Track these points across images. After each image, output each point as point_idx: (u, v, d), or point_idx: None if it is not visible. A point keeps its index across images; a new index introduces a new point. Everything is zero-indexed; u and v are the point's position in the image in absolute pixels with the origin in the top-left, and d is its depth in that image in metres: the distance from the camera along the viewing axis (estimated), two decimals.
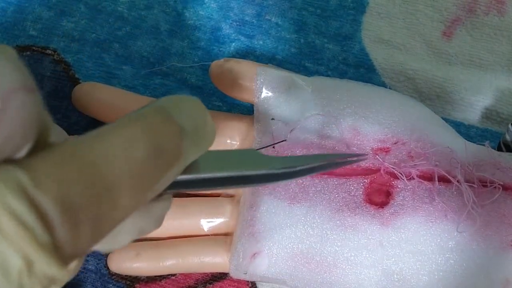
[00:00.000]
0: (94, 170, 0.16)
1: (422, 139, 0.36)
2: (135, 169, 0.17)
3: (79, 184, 0.16)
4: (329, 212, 0.35)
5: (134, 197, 0.17)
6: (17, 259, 0.14)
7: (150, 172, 0.18)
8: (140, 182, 0.17)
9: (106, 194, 0.16)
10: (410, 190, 0.34)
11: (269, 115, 0.37)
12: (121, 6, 0.46)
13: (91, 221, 0.16)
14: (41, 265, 0.15)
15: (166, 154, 0.18)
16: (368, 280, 0.34)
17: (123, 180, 0.17)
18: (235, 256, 0.35)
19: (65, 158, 0.16)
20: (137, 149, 0.17)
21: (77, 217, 0.15)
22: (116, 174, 0.17)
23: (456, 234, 0.33)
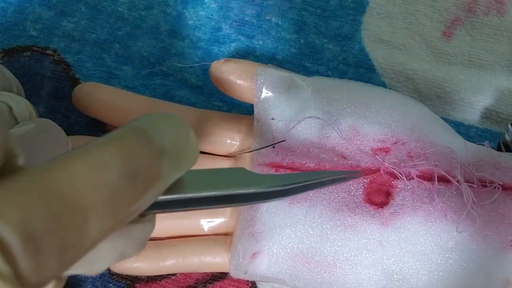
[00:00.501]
0: (58, 197, 0.15)
1: (421, 139, 0.36)
2: (106, 194, 0.16)
3: (41, 212, 0.15)
4: (329, 212, 0.35)
5: (105, 223, 0.16)
6: None
7: (123, 197, 0.17)
8: (112, 208, 0.16)
9: (71, 222, 0.15)
10: (409, 190, 0.35)
11: (269, 115, 0.37)
12: (121, 6, 0.46)
13: (56, 249, 0.15)
14: None
15: (142, 177, 0.18)
16: (368, 280, 0.34)
17: (92, 206, 0.16)
18: (235, 256, 0.35)
19: (28, 185, 0.15)
20: (109, 173, 0.16)
21: (40, 246, 0.15)
22: (83, 201, 0.16)
23: (456, 234, 0.33)
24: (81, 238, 0.16)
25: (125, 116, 0.39)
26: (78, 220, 0.15)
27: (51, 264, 0.15)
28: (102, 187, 0.16)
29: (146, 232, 0.20)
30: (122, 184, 0.17)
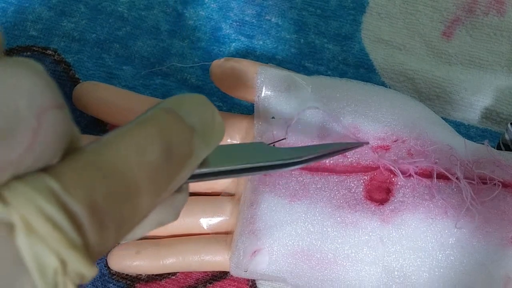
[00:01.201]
0: (116, 175, 0.17)
1: (421, 137, 0.36)
2: (151, 172, 0.18)
3: (102, 190, 0.16)
4: (330, 209, 0.35)
5: (153, 199, 0.18)
6: (52, 260, 0.15)
7: (165, 173, 0.18)
8: (157, 184, 0.18)
9: (127, 197, 0.17)
10: (410, 187, 0.35)
11: (270, 113, 0.37)
12: (121, 6, 0.46)
13: (115, 223, 0.17)
14: (74, 264, 0.16)
15: (179, 154, 0.19)
16: (368, 277, 0.34)
17: (142, 183, 0.18)
18: (236, 254, 0.35)
19: (89, 164, 0.17)
20: (152, 152, 0.18)
21: (103, 220, 0.16)
22: (135, 178, 0.17)
23: (456, 231, 0.33)
24: (135, 213, 0.17)
25: (126, 115, 0.39)
26: (132, 196, 0.17)
27: (111, 236, 0.17)
28: (148, 165, 0.18)
29: (182, 201, 0.22)
30: (163, 162, 0.18)
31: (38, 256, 0.15)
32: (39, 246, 0.15)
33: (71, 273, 0.16)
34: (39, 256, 0.15)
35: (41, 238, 0.15)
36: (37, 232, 0.15)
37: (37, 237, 0.15)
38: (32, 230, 0.15)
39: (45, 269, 0.15)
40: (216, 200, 0.38)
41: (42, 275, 0.15)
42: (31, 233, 0.15)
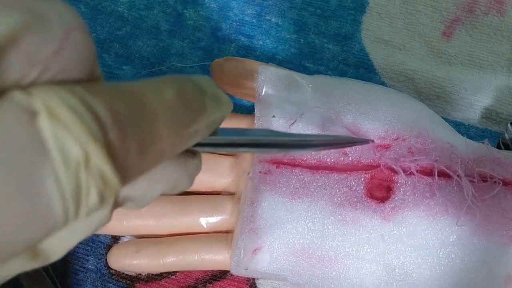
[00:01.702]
0: (135, 97, 0.17)
1: (422, 135, 0.36)
2: (168, 108, 0.18)
3: (123, 104, 0.17)
4: (330, 207, 0.35)
5: (170, 136, 0.18)
6: (76, 149, 0.15)
7: (181, 115, 0.19)
8: (174, 122, 0.19)
9: (146, 121, 0.17)
10: (410, 185, 0.35)
11: (270, 112, 0.37)
12: (121, 6, 0.46)
13: (136, 140, 0.17)
14: (96, 159, 0.15)
15: (193, 104, 0.20)
16: (369, 275, 0.34)
17: (160, 114, 0.18)
18: (236, 252, 0.35)
19: (112, 86, 0.17)
20: (168, 93, 0.19)
21: (125, 130, 0.16)
22: (153, 107, 0.18)
23: (457, 229, 0.33)
24: (154, 139, 0.18)
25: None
26: (151, 121, 0.18)
27: (133, 151, 0.17)
28: (164, 101, 0.18)
29: (196, 167, 0.23)
30: (178, 103, 0.19)
31: (61, 142, 0.15)
32: (63, 132, 0.15)
33: (93, 170, 0.15)
34: (62, 143, 0.15)
35: (64, 125, 0.15)
36: (60, 119, 0.15)
37: (61, 124, 0.15)
38: (56, 117, 0.15)
39: (68, 158, 0.15)
40: (216, 199, 0.38)
41: (64, 163, 0.15)
42: (54, 119, 0.15)
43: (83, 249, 0.40)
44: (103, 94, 0.16)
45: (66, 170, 0.15)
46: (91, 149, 0.15)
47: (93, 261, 0.40)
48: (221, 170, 0.38)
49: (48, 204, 0.15)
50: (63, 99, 0.15)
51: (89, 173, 0.15)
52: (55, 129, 0.15)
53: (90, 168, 0.15)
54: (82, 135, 0.15)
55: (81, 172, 0.15)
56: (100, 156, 0.16)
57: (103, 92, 0.17)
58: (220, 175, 0.38)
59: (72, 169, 0.15)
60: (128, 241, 0.38)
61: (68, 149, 0.15)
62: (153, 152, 0.18)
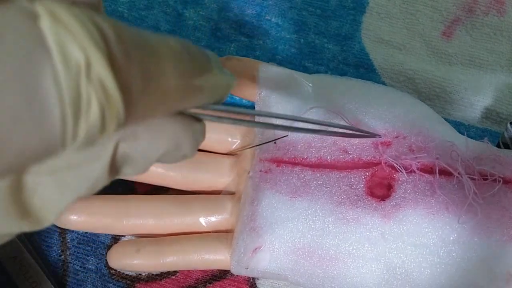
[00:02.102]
0: (141, 33, 0.17)
1: (422, 133, 0.36)
2: (174, 55, 0.18)
3: (130, 32, 0.16)
4: (331, 205, 0.35)
5: (176, 75, 0.18)
6: (77, 52, 0.15)
7: (186, 61, 0.18)
8: (179, 64, 0.18)
9: (151, 51, 0.17)
10: (411, 183, 0.34)
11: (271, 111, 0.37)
12: (121, 6, 0.46)
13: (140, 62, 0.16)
14: (98, 67, 0.15)
15: (197, 57, 0.19)
16: (370, 273, 0.34)
17: (165, 53, 0.17)
18: (237, 251, 0.35)
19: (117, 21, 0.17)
20: (172, 41, 0.18)
21: (128, 49, 0.16)
22: (159, 45, 0.17)
23: (458, 227, 0.33)
24: (159, 73, 0.17)
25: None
26: (155, 54, 0.17)
27: (136, 78, 0.16)
28: (169, 46, 0.18)
29: (201, 134, 0.22)
30: (183, 52, 0.18)
31: (62, 43, 0.14)
32: (64, 34, 0.14)
33: (94, 79, 0.15)
34: (63, 44, 0.14)
35: (67, 28, 0.15)
36: (63, 22, 0.15)
37: (63, 26, 0.14)
38: (58, 19, 0.14)
39: (68, 59, 0.14)
40: (216, 198, 0.38)
41: (65, 64, 0.14)
42: (56, 21, 0.14)
43: (83, 249, 0.40)
44: (108, 18, 0.16)
45: (66, 71, 0.14)
46: (92, 55, 0.15)
47: (93, 261, 0.40)
48: (222, 170, 0.38)
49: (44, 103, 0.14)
50: (67, 8, 0.15)
51: (90, 82, 0.15)
52: (56, 30, 0.14)
53: (91, 77, 0.15)
54: (84, 40, 0.15)
55: (82, 78, 0.15)
56: (102, 64, 0.15)
57: (107, 18, 0.16)
58: (221, 174, 0.38)
59: (73, 72, 0.15)
60: (128, 240, 0.38)
61: (69, 51, 0.15)
62: (158, 89, 0.17)
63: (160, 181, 0.38)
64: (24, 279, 0.38)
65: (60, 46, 0.14)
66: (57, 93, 0.14)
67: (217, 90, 0.21)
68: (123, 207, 0.37)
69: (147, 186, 0.41)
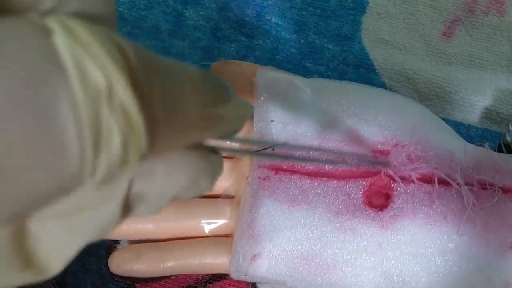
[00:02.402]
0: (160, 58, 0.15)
1: (422, 141, 0.36)
2: (193, 79, 0.17)
3: (152, 57, 0.15)
4: (329, 214, 0.35)
5: (199, 104, 0.17)
6: (97, 73, 0.13)
7: (206, 88, 0.17)
8: (200, 91, 0.17)
9: (173, 76, 0.16)
10: (409, 193, 0.34)
11: (269, 117, 0.37)
12: (122, 6, 0.46)
13: (163, 91, 0.15)
14: (121, 91, 0.13)
15: (217, 84, 0.18)
16: (367, 282, 0.34)
17: (186, 79, 0.16)
18: (235, 258, 0.35)
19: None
20: (192, 69, 0.17)
21: (151, 75, 0.14)
22: (179, 71, 0.16)
23: (456, 237, 0.33)
24: (182, 99, 0.16)
25: None
26: (177, 79, 0.16)
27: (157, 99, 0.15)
28: (191, 75, 0.17)
29: (219, 167, 0.20)
30: (204, 79, 0.17)
31: (80, 63, 0.13)
32: (82, 52, 0.13)
33: (116, 105, 0.13)
34: (81, 64, 0.13)
35: (85, 45, 0.13)
36: (80, 39, 0.13)
37: (81, 44, 0.13)
38: (75, 36, 0.13)
39: (88, 82, 0.13)
40: (216, 202, 0.38)
41: (83, 86, 0.13)
42: (73, 38, 0.13)
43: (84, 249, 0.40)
44: (127, 41, 0.14)
45: (84, 94, 0.13)
46: (115, 77, 0.13)
47: (93, 261, 0.40)
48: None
49: (60, 134, 0.12)
50: (83, 23, 0.13)
51: (111, 108, 0.13)
52: (73, 48, 0.13)
53: (113, 102, 0.13)
54: (106, 60, 0.13)
55: (103, 104, 0.13)
56: (125, 88, 0.13)
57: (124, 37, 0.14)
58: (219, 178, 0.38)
59: (92, 97, 0.13)
60: (128, 246, 0.38)
61: (88, 72, 0.13)
62: (181, 118, 0.16)
63: None
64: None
65: (78, 66, 0.13)
66: (75, 121, 0.12)
67: (235, 120, 0.19)
68: None
69: None
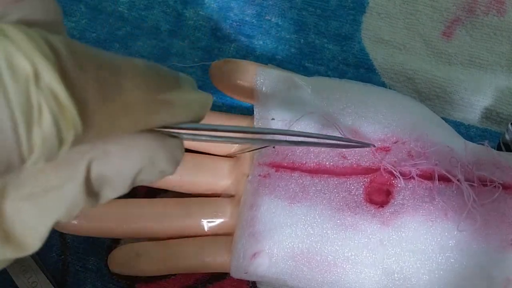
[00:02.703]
0: (99, 50, 0.18)
1: (422, 138, 0.36)
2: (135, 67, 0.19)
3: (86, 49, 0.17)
4: (330, 211, 0.35)
5: (139, 88, 0.18)
6: (25, 63, 0.15)
7: (150, 76, 0.19)
8: (142, 78, 0.18)
9: (109, 67, 0.17)
10: (410, 189, 0.34)
11: (269, 115, 0.37)
12: (122, 6, 0.46)
13: (97, 76, 0.17)
14: (46, 76, 0.15)
15: (164, 74, 0.20)
16: (368, 279, 0.34)
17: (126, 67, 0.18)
18: (236, 256, 0.35)
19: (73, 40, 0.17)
20: (136, 60, 0.19)
21: (82, 62, 0.16)
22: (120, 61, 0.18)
23: (456, 233, 0.33)
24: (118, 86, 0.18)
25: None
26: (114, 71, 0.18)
27: (93, 93, 0.16)
28: (131, 64, 0.18)
29: (177, 149, 0.22)
30: (147, 69, 0.19)
31: (9, 55, 0.15)
32: (10, 47, 0.15)
33: (44, 88, 0.15)
34: (10, 56, 0.15)
35: (13, 40, 0.15)
36: (8, 35, 0.15)
37: (9, 39, 0.15)
38: (3, 32, 0.15)
39: (16, 69, 0.15)
40: (216, 201, 0.38)
41: (12, 74, 0.15)
42: (5, 36, 0.15)
43: (84, 249, 0.40)
44: (65, 37, 0.16)
45: (13, 80, 0.15)
46: (40, 65, 0.15)
47: (93, 261, 0.40)
48: (221, 172, 0.38)
49: None
50: (16, 26, 0.15)
51: (39, 90, 0.15)
52: (4, 44, 0.15)
53: (41, 86, 0.15)
54: (32, 51, 0.15)
55: (31, 87, 0.15)
56: (51, 73, 0.15)
57: (65, 36, 0.17)
58: (220, 177, 0.38)
59: (21, 82, 0.15)
60: (128, 245, 0.38)
61: (16, 62, 0.15)
62: (119, 100, 0.18)
63: (159, 184, 0.38)
64: (24, 279, 0.38)
65: (7, 58, 0.15)
66: (7, 104, 0.15)
67: (191, 107, 0.21)
68: (123, 211, 0.37)
69: (147, 188, 0.41)
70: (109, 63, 0.18)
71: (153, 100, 0.19)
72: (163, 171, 0.21)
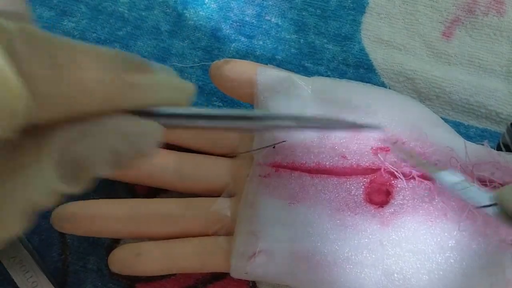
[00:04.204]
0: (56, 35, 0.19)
1: (421, 138, 0.36)
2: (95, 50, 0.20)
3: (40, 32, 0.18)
4: (329, 211, 0.35)
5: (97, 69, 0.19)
6: None
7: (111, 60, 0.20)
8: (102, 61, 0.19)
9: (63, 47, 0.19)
10: (410, 190, 0.35)
11: None
12: (122, 6, 0.47)
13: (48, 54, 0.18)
14: None
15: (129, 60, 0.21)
16: (368, 280, 0.34)
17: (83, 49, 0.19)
18: (235, 256, 0.35)
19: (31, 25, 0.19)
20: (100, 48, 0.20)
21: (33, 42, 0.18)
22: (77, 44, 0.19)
23: (456, 233, 0.33)
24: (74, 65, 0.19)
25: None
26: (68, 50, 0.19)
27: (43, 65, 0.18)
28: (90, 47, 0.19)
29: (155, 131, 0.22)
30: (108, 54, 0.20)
31: None
32: None
33: None
34: None
35: None
36: None
37: None
38: None
39: None
40: (216, 201, 0.38)
41: None
42: None
43: (84, 249, 0.40)
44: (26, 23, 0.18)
45: None
46: None
47: (93, 260, 0.40)
48: (220, 171, 0.38)
49: None
50: None
51: None
52: None
53: None
54: None
55: None
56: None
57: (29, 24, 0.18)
58: (219, 176, 0.38)
59: None
60: (128, 244, 0.38)
61: None
62: (75, 79, 0.18)
63: (159, 184, 0.38)
64: (24, 279, 0.38)
65: None
66: None
67: (162, 91, 0.22)
68: (124, 211, 0.37)
69: (148, 189, 0.41)
70: (65, 44, 0.19)
71: (115, 80, 0.20)
72: (140, 151, 0.22)
